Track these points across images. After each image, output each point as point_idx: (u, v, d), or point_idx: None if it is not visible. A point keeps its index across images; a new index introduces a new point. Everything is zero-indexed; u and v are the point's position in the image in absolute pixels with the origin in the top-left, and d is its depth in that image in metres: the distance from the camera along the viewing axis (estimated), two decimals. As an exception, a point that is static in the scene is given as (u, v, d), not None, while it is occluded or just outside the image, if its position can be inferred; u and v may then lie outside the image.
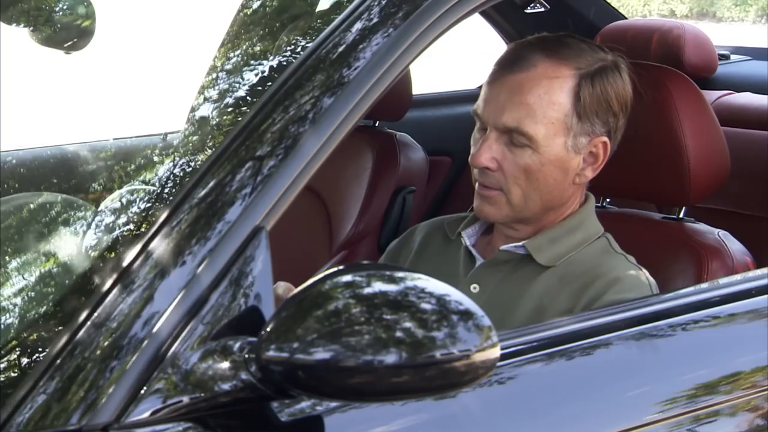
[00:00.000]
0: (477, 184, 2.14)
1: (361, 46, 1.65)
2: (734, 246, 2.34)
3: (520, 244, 2.16)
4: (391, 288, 1.41)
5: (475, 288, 2.16)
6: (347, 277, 1.42)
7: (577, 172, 2.14)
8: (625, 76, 2.16)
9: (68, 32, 2.56)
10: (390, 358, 1.37)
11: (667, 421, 1.75)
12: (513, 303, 2.12)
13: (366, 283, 1.41)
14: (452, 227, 2.28)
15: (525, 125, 2.08)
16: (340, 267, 1.44)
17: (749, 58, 3.97)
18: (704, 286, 2.19)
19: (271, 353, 1.39)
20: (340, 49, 1.65)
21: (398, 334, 1.37)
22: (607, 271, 2.11)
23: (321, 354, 1.37)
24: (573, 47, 2.14)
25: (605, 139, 2.14)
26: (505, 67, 2.13)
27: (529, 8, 3.69)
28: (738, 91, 3.52)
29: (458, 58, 8.33)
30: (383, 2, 1.70)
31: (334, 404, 1.51)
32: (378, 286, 1.41)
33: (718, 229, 2.38)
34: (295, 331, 1.38)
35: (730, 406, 1.83)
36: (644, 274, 2.13)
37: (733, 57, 3.94)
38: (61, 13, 2.57)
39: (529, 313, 2.10)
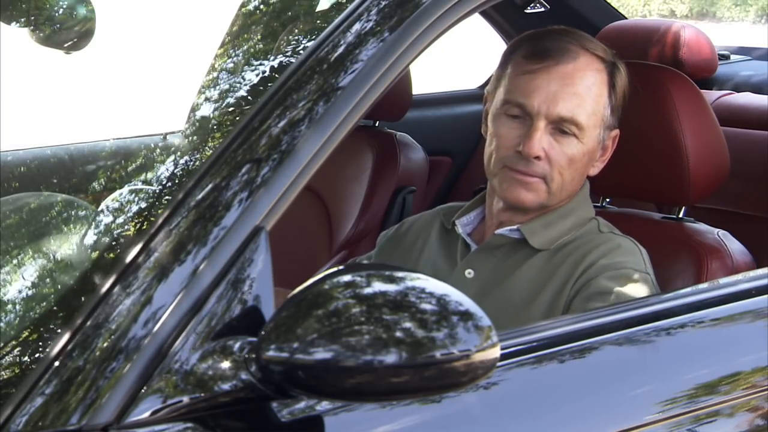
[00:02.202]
0: (512, 172, 2.14)
1: (360, 47, 1.65)
2: (734, 246, 2.35)
3: (515, 227, 2.19)
4: (391, 288, 1.41)
5: (469, 273, 2.19)
6: (347, 277, 1.42)
7: (593, 163, 2.19)
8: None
9: (68, 32, 2.55)
10: (390, 358, 1.37)
11: (667, 421, 1.75)
12: (508, 286, 2.15)
13: (366, 283, 1.41)
14: (448, 217, 2.31)
15: (578, 115, 2.12)
16: (340, 267, 1.44)
17: (749, 58, 3.97)
18: (704, 286, 2.19)
19: (271, 353, 1.39)
20: (340, 49, 1.65)
21: (398, 334, 1.37)
22: (599, 243, 2.16)
23: (321, 354, 1.37)
24: (592, 40, 2.19)
25: (617, 131, 2.20)
26: (546, 57, 2.14)
27: (529, 8, 3.70)
28: (738, 91, 3.53)
29: (459, 58, 8.33)
30: (383, 3, 1.70)
31: (334, 404, 1.51)
32: (378, 286, 1.41)
33: (718, 229, 2.38)
34: (295, 331, 1.38)
35: (730, 406, 1.83)
36: (635, 242, 2.17)
37: (733, 57, 3.94)
38: (61, 13, 2.57)
39: (524, 295, 2.13)
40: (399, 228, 2.38)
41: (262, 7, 2.20)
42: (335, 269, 1.44)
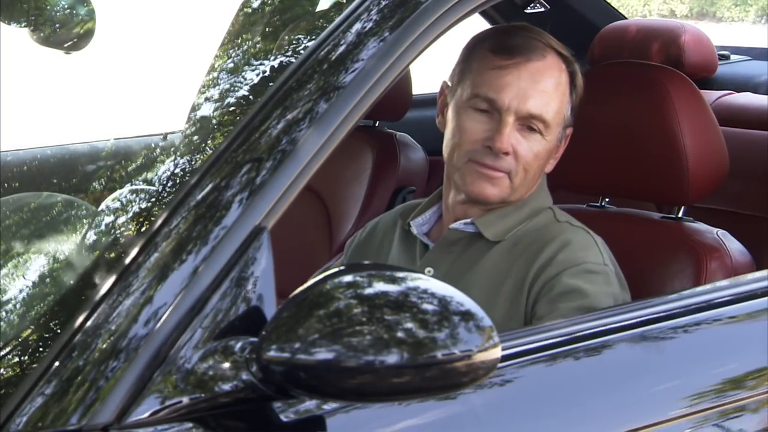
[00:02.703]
0: (478, 165, 2.15)
1: (360, 47, 1.65)
2: (733, 245, 2.35)
3: (469, 220, 2.19)
4: (392, 288, 1.41)
5: (429, 272, 2.18)
6: (348, 278, 1.42)
7: (550, 160, 2.21)
8: None
9: (68, 32, 2.56)
10: (391, 358, 1.37)
11: (667, 422, 1.75)
12: (468, 281, 2.14)
13: (367, 284, 1.41)
14: (405, 217, 2.31)
15: (546, 113, 2.13)
16: (341, 267, 1.44)
17: (749, 58, 3.97)
18: (708, 287, 2.19)
19: (272, 353, 1.39)
20: (341, 49, 1.65)
21: (399, 334, 1.37)
22: (556, 235, 2.16)
23: (322, 354, 1.37)
24: (553, 38, 2.19)
25: (571, 129, 2.21)
26: (516, 53, 2.15)
27: (529, 8, 3.70)
28: (738, 91, 3.52)
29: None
30: (383, 2, 1.70)
31: (335, 405, 1.51)
32: (379, 287, 1.41)
33: (717, 229, 2.38)
34: (296, 331, 1.38)
35: (732, 407, 1.83)
36: (590, 234, 2.18)
37: (733, 57, 3.94)
38: (61, 13, 2.57)
39: (485, 289, 2.13)
40: (362, 233, 2.38)
41: (262, 7, 2.20)
42: (336, 269, 1.44)
